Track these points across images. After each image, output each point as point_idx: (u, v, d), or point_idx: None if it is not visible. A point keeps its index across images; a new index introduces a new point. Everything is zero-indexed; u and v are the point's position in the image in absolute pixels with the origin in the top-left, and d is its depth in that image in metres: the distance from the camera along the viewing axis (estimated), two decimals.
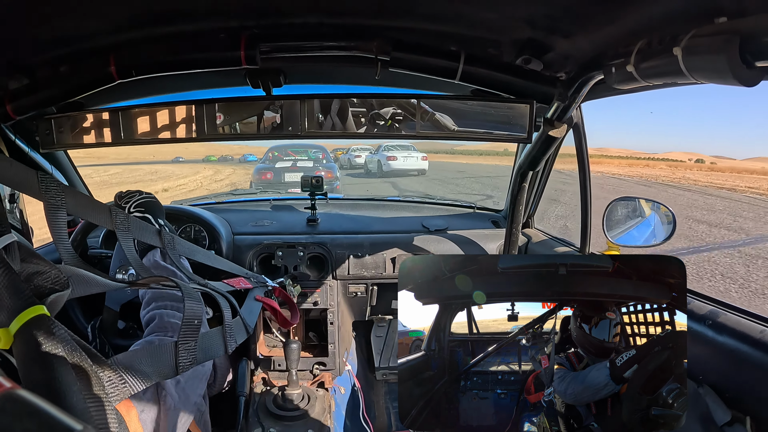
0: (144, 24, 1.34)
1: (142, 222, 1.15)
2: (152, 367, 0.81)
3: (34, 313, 0.59)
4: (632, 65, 1.17)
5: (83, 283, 0.84)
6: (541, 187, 2.36)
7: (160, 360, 0.85)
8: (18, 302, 0.59)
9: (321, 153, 14.40)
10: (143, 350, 0.88)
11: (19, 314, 0.58)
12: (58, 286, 0.69)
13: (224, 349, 1.03)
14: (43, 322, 0.60)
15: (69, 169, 2.27)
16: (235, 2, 1.28)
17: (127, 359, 0.77)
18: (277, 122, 1.72)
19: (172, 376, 0.86)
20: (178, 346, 0.88)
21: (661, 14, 1.07)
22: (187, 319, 0.93)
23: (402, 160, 20.24)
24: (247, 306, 1.37)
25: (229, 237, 2.38)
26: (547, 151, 1.84)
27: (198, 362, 0.92)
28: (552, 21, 1.28)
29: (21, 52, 1.37)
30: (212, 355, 0.99)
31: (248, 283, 1.51)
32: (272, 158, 13.96)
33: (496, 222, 2.70)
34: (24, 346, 0.57)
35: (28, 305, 0.60)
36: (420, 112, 1.66)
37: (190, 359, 0.89)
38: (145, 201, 1.44)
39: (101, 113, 1.74)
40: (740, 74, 0.92)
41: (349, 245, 2.41)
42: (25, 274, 0.66)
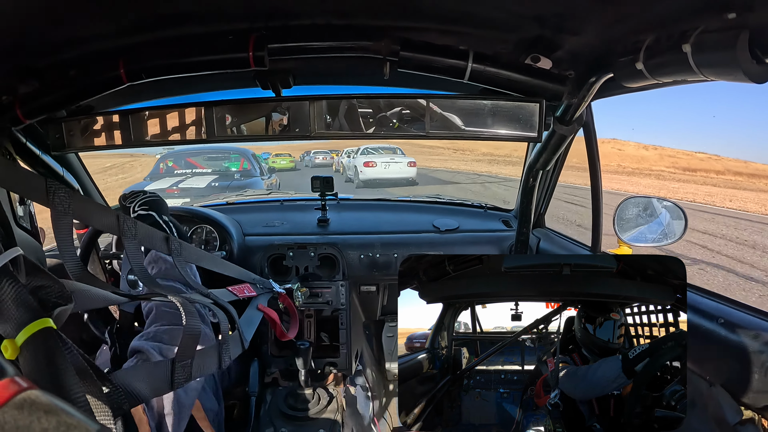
0: (152, 27, 1.34)
1: (150, 228, 1.15)
2: (149, 385, 0.84)
3: (41, 325, 0.60)
4: (641, 62, 1.16)
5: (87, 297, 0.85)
6: (551, 187, 2.35)
7: (157, 377, 0.87)
8: (25, 314, 0.60)
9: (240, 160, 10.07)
10: (141, 368, 0.92)
11: (26, 326, 0.59)
12: (62, 300, 0.69)
13: (218, 365, 1.06)
14: (50, 335, 0.60)
15: (80, 172, 2.28)
16: (243, 4, 1.28)
17: (125, 376, 0.79)
18: (286, 123, 1.72)
19: (167, 392, 0.91)
20: (175, 363, 0.91)
21: (669, 10, 1.06)
22: (185, 337, 0.95)
23: (382, 166, 16.60)
24: (247, 316, 1.37)
25: (239, 238, 2.39)
26: (558, 150, 1.83)
27: (192, 378, 0.94)
28: (561, 19, 1.27)
29: (30, 56, 1.38)
30: (206, 371, 1.02)
31: (253, 291, 1.51)
32: (164, 171, 10.19)
33: (506, 222, 2.69)
34: (30, 358, 0.58)
35: (35, 317, 0.60)
36: (429, 112, 1.66)
37: (185, 376, 0.92)
38: (150, 199, 1.46)
39: (111, 116, 1.75)
40: (750, 70, 0.91)
41: (359, 246, 2.42)
42: (30, 287, 0.66)
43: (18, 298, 0.60)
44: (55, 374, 0.57)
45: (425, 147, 31.34)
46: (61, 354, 0.60)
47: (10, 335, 0.58)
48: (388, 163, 16.69)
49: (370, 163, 16.61)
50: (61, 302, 0.68)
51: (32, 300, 0.62)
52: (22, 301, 0.60)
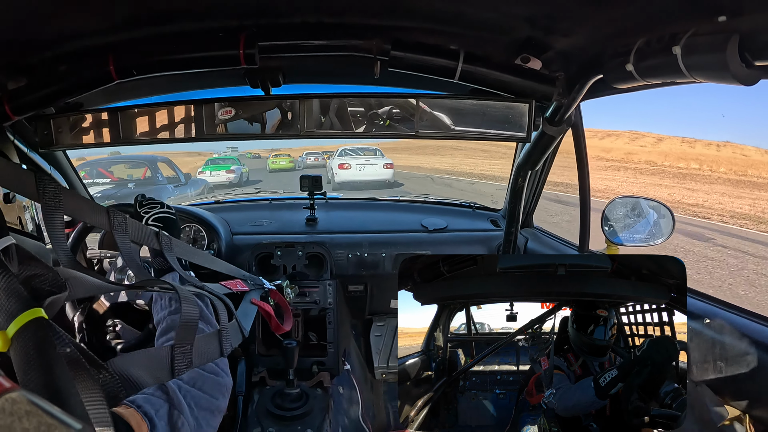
0: (143, 23, 1.34)
1: (139, 224, 1.14)
2: (147, 371, 0.81)
3: (32, 315, 0.59)
4: (631, 64, 1.18)
5: (81, 285, 0.84)
6: (540, 187, 2.36)
7: (156, 364, 0.84)
8: (16, 305, 0.59)
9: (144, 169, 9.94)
10: (140, 354, 0.88)
11: (17, 317, 0.58)
12: (56, 289, 0.68)
13: (220, 352, 1.02)
14: (41, 325, 0.59)
15: (67, 169, 2.26)
16: (234, 2, 1.28)
17: (123, 363, 0.77)
18: (276, 122, 1.72)
19: (167, 379, 0.86)
20: (174, 349, 0.88)
21: (660, 13, 1.07)
22: (183, 322, 0.92)
23: (356, 168, 15.90)
24: (243, 309, 1.36)
25: (227, 237, 2.38)
26: (546, 150, 1.84)
27: (194, 366, 0.91)
28: (551, 20, 1.28)
29: (19, 51, 1.37)
30: (208, 359, 0.98)
31: (245, 286, 1.50)
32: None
33: (494, 221, 2.71)
34: (21, 349, 0.57)
35: (26, 308, 0.59)
36: (419, 112, 1.67)
37: (185, 363, 0.89)
38: (166, 217, 1.42)
39: (100, 113, 1.74)
40: (740, 73, 0.92)
41: (348, 245, 2.42)
42: (22, 276, 0.66)
43: (8, 288, 0.59)
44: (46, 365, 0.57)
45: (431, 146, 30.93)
46: (51, 344, 0.59)
47: (1, 327, 0.58)
48: (363, 165, 16.03)
49: (345, 165, 16.02)
50: (55, 290, 0.68)
51: (23, 290, 0.61)
52: (13, 291, 0.60)
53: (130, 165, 10.20)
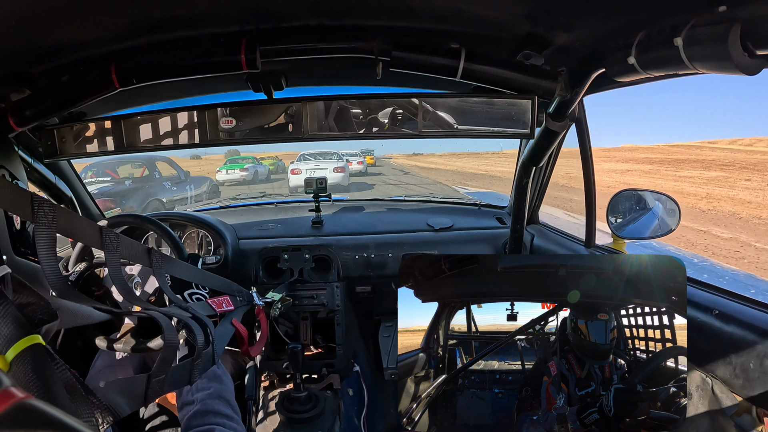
0: (144, 31, 1.34)
1: (132, 241, 1.14)
2: (124, 398, 0.85)
3: (30, 341, 0.61)
4: (633, 57, 1.17)
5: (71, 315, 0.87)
6: (545, 183, 2.36)
7: (132, 392, 0.89)
8: (15, 331, 0.61)
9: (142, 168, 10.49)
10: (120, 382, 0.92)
11: (16, 343, 0.60)
12: (47, 317, 0.70)
13: (188, 380, 1.08)
14: (39, 351, 0.62)
15: (73, 179, 2.27)
16: (235, 7, 1.28)
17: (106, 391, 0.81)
18: (279, 125, 1.72)
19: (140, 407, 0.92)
20: (151, 378, 0.92)
21: (661, 4, 1.07)
22: (165, 351, 0.97)
23: (306, 173, 14.67)
24: (221, 329, 1.36)
25: (234, 241, 2.38)
26: (550, 146, 1.84)
27: (163, 393, 0.97)
28: (551, 15, 1.28)
29: (22, 62, 1.37)
30: (177, 386, 1.05)
31: (231, 305, 1.50)
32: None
33: (500, 218, 2.71)
34: (20, 373, 0.59)
35: (25, 334, 0.62)
36: (422, 111, 1.66)
37: (157, 390, 0.94)
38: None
39: (103, 122, 1.74)
40: (742, 63, 0.92)
41: (354, 246, 2.42)
42: (15, 304, 0.67)
43: (8, 315, 0.62)
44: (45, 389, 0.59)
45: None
46: (50, 369, 0.61)
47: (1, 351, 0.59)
48: (312, 170, 15.74)
49: (296, 170, 16.03)
50: (47, 318, 0.70)
51: (21, 317, 0.63)
52: (12, 317, 0.62)
53: (135, 165, 10.68)
